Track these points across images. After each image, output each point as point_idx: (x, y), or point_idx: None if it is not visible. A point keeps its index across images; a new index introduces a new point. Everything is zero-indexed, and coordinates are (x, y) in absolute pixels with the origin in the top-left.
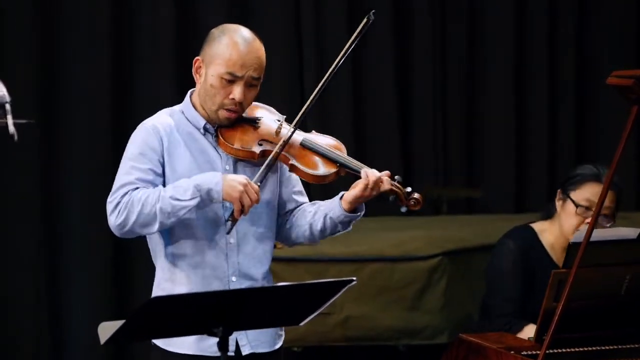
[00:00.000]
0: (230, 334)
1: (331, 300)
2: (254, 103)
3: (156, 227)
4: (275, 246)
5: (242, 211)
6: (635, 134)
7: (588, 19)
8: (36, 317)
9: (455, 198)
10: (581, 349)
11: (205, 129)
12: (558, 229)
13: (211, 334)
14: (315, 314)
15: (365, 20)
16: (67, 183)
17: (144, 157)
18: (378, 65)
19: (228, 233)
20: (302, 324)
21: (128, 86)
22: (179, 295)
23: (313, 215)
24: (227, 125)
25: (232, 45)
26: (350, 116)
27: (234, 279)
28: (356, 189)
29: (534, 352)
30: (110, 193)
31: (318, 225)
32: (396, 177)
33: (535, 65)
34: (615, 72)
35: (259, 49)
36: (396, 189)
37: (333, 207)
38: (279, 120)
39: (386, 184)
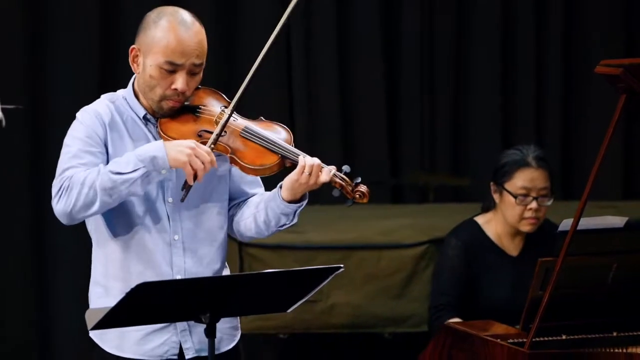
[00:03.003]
0: (218, 320)
1: (318, 288)
2: (200, 88)
3: (97, 206)
4: None
5: (195, 176)
6: (623, 122)
7: (576, 8)
8: (25, 303)
9: (442, 186)
10: (567, 337)
11: (145, 119)
12: (502, 219)
13: (198, 320)
14: (302, 301)
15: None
16: (54, 172)
17: (92, 140)
18: (365, 54)
19: (182, 200)
20: (289, 310)
21: (115, 77)
22: (166, 281)
23: (256, 205)
24: (169, 114)
25: (170, 31)
26: (337, 104)
27: (178, 277)
28: (293, 173)
29: (521, 340)
30: (55, 176)
31: (261, 216)
32: (343, 167)
33: (523, 54)
34: (603, 61)
35: (199, 32)
36: (339, 181)
37: (274, 197)
38: (223, 108)
39: (325, 175)
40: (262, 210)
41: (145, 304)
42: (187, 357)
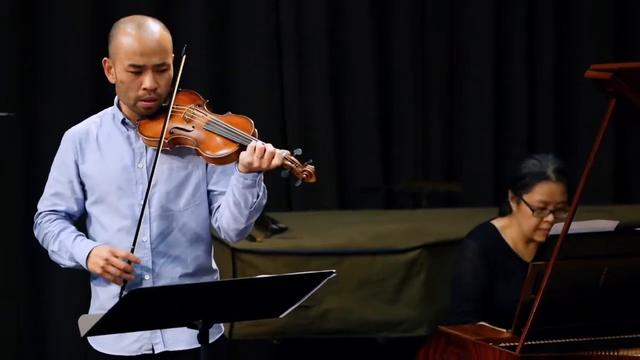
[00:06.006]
0: (211, 326)
1: (311, 293)
2: (181, 90)
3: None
4: (255, 239)
5: (124, 280)
6: (613, 127)
7: (567, 14)
8: (18, 310)
9: (434, 192)
10: (559, 341)
11: (124, 123)
12: (518, 226)
13: (191, 326)
14: (295, 306)
15: (183, 56)
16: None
17: (63, 167)
18: (358, 60)
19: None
20: (282, 316)
21: (107, 84)
22: (159, 288)
23: (227, 192)
24: (148, 116)
25: (127, 37)
26: (330, 110)
27: (147, 277)
28: (245, 152)
29: (513, 344)
30: (40, 200)
31: (230, 199)
32: (295, 151)
33: (514, 60)
34: (593, 65)
35: (158, 32)
36: (289, 163)
37: (234, 174)
38: (193, 106)
39: (277, 158)
40: (230, 193)
41: (138, 311)
42: (156, 351)
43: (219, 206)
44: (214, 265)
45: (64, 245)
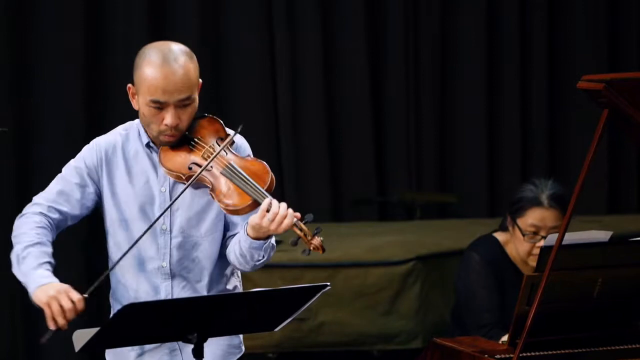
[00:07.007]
0: (205, 340)
1: (306, 306)
2: (206, 116)
3: None
4: None
5: (56, 321)
6: (606, 137)
7: (558, 21)
8: (11, 322)
9: (428, 203)
10: (554, 352)
11: (148, 146)
12: (514, 247)
13: (186, 340)
14: (290, 319)
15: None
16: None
17: (77, 170)
18: (351, 71)
19: (44, 341)
20: (277, 329)
21: (101, 98)
22: (153, 302)
23: (236, 238)
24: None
25: (153, 70)
26: (323, 121)
27: None
28: (256, 216)
29: (508, 356)
30: (40, 193)
31: (237, 250)
32: (306, 216)
33: (507, 71)
34: (585, 76)
35: (184, 66)
36: (299, 232)
37: (243, 232)
38: (216, 142)
39: (286, 225)
40: (237, 244)
41: (133, 325)
42: None
43: (230, 236)
44: (232, 285)
45: (28, 260)
